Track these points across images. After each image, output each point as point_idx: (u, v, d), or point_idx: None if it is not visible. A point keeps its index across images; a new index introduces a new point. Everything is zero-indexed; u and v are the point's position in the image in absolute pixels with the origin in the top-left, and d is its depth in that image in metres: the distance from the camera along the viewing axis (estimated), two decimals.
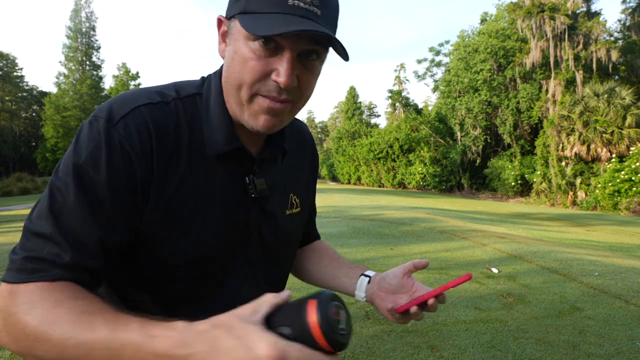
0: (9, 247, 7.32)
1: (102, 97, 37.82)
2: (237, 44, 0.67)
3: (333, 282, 0.96)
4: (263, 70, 0.66)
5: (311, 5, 0.64)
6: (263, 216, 0.80)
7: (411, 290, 0.85)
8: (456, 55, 32.97)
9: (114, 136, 0.65)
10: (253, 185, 0.76)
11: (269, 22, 0.62)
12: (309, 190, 0.97)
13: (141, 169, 0.66)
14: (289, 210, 0.87)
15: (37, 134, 49.76)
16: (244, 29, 0.64)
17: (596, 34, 25.35)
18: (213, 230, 0.74)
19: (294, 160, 0.89)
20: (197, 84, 0.78)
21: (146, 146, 0.67)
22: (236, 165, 0.76)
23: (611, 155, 22.57)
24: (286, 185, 0.86)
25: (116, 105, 0.68)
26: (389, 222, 9.90)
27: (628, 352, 2.94)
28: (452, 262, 5.80)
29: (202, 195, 0.73)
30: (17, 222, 10.86)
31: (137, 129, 0.66)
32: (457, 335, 3.18)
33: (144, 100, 0.70)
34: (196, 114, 0.74)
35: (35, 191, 26.05)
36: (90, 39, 37.25)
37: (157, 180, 0.68)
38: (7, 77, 46.29)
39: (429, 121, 35.97)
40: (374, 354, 2.88)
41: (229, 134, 0.73)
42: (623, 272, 5.09)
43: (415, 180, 35.13)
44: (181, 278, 0.73)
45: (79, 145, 0.65)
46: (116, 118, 0.66)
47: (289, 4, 0.63)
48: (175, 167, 0.70)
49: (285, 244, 0.88)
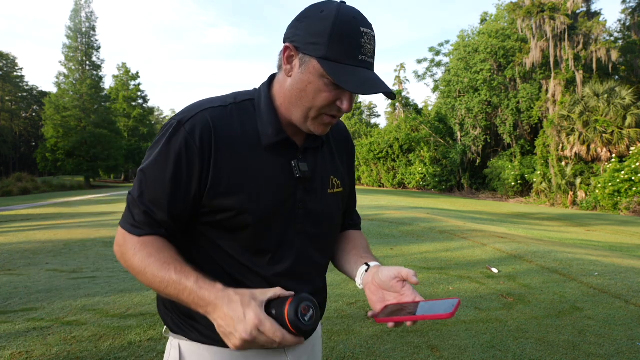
0: (9, 247, 7.32)
1: (102, 97, 37.74)
2: (311, 77, 0.87)
3: (344, 267, 1.08)
4: (332, 100, 0.89)
5: (371, 58, 0.87)
6: (307, 194, 0.99)
7: (400, 292, 0.91)
8: (456, 55, 32.96)
9: (182, 133, 0.89)
10: (297, 168, 0.96)
11: (348, 77, 0.84)
12: (349, 171, 1.15)
13: (200, 159, 0.89)
14: (331, 189, 1.04)
15: (37, 134, 49.81)
16: (330, 76, 0.84)
17: (596, 34, 25.34)
18: (266, 204, 0.93)
19: (332, 148, 1.08)
20: (251, 92, 1.00)
21: (205, 141, 0.89)
22: (284, 152, 0.96)
23: (611, 155, 22.56)
24: (328, 169, 1.04)
25: (188, 109, 0.93)
26: (389, 222, 9.89)
27: (628, 352, 2.94)
28: (452, 262, 5.80)
29: (256, 177, 0.93)
30: (17, 222, 10.84)
31: (201, 128, 0.89)
32: (457, 335, 3.18)
33: (207, 105, 0.93)
34: (251, 114, 0.96)
35: (35, 191, 26.02)
36: (90, 39, 37.17)
37: (216, 167, 0.90)
38: (7, 77, 46.32)
39: (429, 121, 35.96)
40: (374, 354, 2.88)
41: (277, 128, 0.94)
42: (623, 272, 5.09)
43: (415, 180, 35.13)
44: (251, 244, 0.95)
45: (159, 138, 0.91)
46: (185, 119, 0.90)
47: (359, 59, 0.85)
48: (234, 156, 0.91)
49: (328, 217, 1.05)
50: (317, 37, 0.85)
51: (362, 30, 0.85)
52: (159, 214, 0.90)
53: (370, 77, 0.86)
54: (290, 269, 0.97)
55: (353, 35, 0.84)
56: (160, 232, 0.91)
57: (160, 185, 0.89)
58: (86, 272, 5.42)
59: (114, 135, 37.15)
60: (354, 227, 1.20)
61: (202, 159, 0.89)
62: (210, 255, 0.96)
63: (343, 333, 3.22)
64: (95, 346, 2.96)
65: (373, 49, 0.88)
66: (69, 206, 15.51)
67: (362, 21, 0.86)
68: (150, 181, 0.90)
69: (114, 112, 40.66)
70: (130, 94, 45.67)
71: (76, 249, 7.22)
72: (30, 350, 2.90)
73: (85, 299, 4.06)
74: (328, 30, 0.84)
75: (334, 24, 0.84)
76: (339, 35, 0.83)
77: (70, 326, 3.33)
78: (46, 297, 4.17)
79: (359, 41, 0.84)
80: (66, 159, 34.70)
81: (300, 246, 0.99)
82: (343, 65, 0.84)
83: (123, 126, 43.66)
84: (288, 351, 1.01)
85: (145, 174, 0.91)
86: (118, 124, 40.61)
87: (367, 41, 0.85)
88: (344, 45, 0.84)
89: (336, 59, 0.84)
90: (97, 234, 8.65)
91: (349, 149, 1.15)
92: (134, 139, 45.16)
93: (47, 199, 20.13)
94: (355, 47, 0.84)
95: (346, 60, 0.84)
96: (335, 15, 0.84)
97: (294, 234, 0.98)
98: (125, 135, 42.92)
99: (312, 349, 1.12)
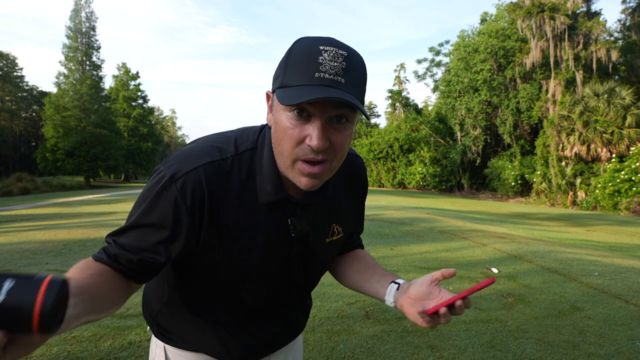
0: (9, 247, 7.32)
1: (102, 97, 37.68)
2: (278, 115, 0.80)
3: (365, 288, 1.04)
4: (298, 137, 0.78)
5: (335, 75, 0.75)
6: (304, 248, 0.95)
7: (438, 297, 0.88)
8: (456, 55, 32.97)
9: (172, 192, 0.82)
10: (294, 227, 0.90)
11: (297, 93, 0.74)
12: (355, 216, 1.09)
13: (189, 218, 0.83)
14: (329, 238, 1.00)
15: (37, 134, 49.78)
16: (278, 99, 0.76)
17: (596, 34, 25.34)
18: (257, 263, 0.90)
19: (340, 193, 1.00)
20: (255, 137, 0.91)
21: (196, 203, 0.82)
22: (281, 209, 0.90)
23: (611, 155, 22.57)
24: (330, 217, 0.99)
25: (182, 162, 0.84)
26: (389, 222, 9.90)
27: (628, 352, 2.94)
28: (452, 262, 5.80)
29: (249, 235, 0.88)
30: (17, 222, 10.85)
31: (192, 187, 0.82)
32: (457, 335, 3.18)
33: (205, 160, 0.84)
34: (251, 168, 0.88)
35: (35, 191, 26.03)
36: (90, 39, 37.11)
37: (206, 225, 0.84)
38: (7, 77, 46.27)
39: (429, 121, 35.96)
40: (374, 354, 2.88)
41: (277, 185, 0.87)
42: (623, 272, 5.09)
43: (415, 180, 35.14)
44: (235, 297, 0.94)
45: (147, 188, 0.85)
46: (178, 176, 0.82)
47: (316, 77, 0.74)
48: (225, 214, 0.85)
49: (322, 263, 1.04)
50: (278, 70, 0.81)
51: (322, 49, 0.75)
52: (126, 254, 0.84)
53: (321, 90, 0.73)
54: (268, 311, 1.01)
55: (309, 55, 0.75)
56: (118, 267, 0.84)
57: (142, 242, 0.84)
58: None
59: (114, 135, 37.12)
60: (359, 246, 1.18)
61: (192, 218, 0.83)
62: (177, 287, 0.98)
63: (343, 333, 3.22)
64: (95, 346, 2.96)
65: (340, 67, 0.75)
66: (69, 206, 15.51)
67: (325, 42, 0.77)
68: (132, 235, 0.85)
69: (114, 112, 40.61)
70: (130, 94, 45.63)
71: (76, 249, 7.22)
72: None
73: None
74: (284, 59, 0.80)
75: (290, 50, 0.79)
76: (294, 59, 0.77)
77: None
78: None
79: (315, 59, 0.75)
80: (66, 159, 34.67)
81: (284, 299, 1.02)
82: (297, 87, 0.75)
83: (123, 126, 43.62)
84: (271, 355, 1.07)
85: (130, 218, 0.86)
86: (118, 124, 40.57)
87: (328, 58, 0.75)
88: (299, 68, 0.76)
89: (290, 83, 0.76)
90: (97, 234, 8.66)
91: (362, 190, 1.08)
92: (134, 139, 45.10)
93: (47, 199, 20.13)
94: (311, 66, 0.75)
95: (301, 80, 0.75)
96: (293, 43, 0.80)
97: (282, 289, 0.99)
98: (125, 135, 42.87)
99: (294, 344, 1.15)
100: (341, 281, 1.14)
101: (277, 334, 1.05)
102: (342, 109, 0.77)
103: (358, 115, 0.81)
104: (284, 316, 1.05)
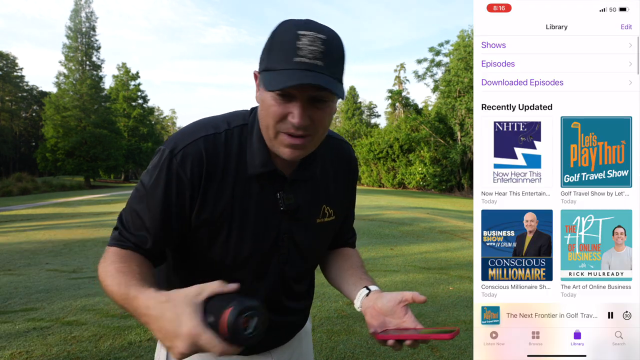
0: (8, 247, 7.33)
1: (102, 97, 37.69)
2: (263, 93, 0.86)
3: (343, 287, 1.06)
4: (281, 114, 0.84)
5: (314, 59, 0.81)
6: (293, 225, 0.98)
7: (402, 319, 0.89)
8: (456, 55, 32.98)
9: (173, 165, 0.88)
10: (282, 201, 0.95)
11: (278, 78, 0.80)
12: (346, 200, 1.11)
13: (190, 190, 0.89)
14: (320, 219, 1.03)
15: (37, 134, 49.82)
16: (262, 83, 0.84)
17: None
18: (249, 236, 0.94)
19: (329, 175, 1.04)
20: (245, 114, 0.98)
21: (195, 174, 0.89)
22: (271, 183, 0.94)
23: None
24: (319, 198, 1.02)
25: (180, 138, 0.91)
26: (389, 222, 9.90)
27: None
28: (452, 262, 5.81)
29: (241, 208, 0.93)
30: (17, 222, 10.86)
31: (192, 159, 0.89)
32: (457, 336, 3.18)
33: (201, 133, 0.91)
34: (242, 142, 0.94)
35: (35, 191, 26.04)
36: (90, 39, 37.10)
37: (203, 198, 0.90)
38: (7, 77, 46.29)
39: (429, 121, 35.96)
40: (374, 354, 2.88)
41: (265, 158, 0.92)
42: None
43: (415, 180, 35.14)
44: (228, 273, 0.95)
45: (150, 168, 0.91)
46: (176, 150, 0.89)
47: (295, 61, 0.80)
48: (222, 186, 0.91)
49: (314, 246, 1.05)
50: (263, 54, 0.88)
51: (300, 33, 0.81)
52: (145, 239, 0.90)
53: (301, 74, 0.80)
54: (271, 295, 1.01)
55: (288, 40, 0.81)
56: (140, 251, 0.91)
57: (151, 215, 0.90)
58: (86, 272, 5.43)
59: (114, 135, 37.14)
60: (350, 245, 1.18)
61: (192, 190, 0.89)
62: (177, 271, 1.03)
63: (343, 333, 3.22)
64: (95, 346, 2.96)
65: (319, 50, 0.81)
66: (69, 206, 15.52)
67: (304, 25, 0.82)
68: (142, 210, 0.91)
69: (114, 112, 40.62)
70: (130, 94, 45.63)
71: (76, 249, 7.23)
72: (30, 350, 2.90)
73: (85, 299, 4.06)
74: (268, 43, 0.86)
75: (272, 34, 0.85)
76: (276, 44, 0.83)
77: (70, 326, 3.34)
78: (46, 297, 4.17)
79: (294, 44, 0.80)
80: (66, 159, 34.68)
81: (279, 277, 1.01)
82: (278, 71, 0.81)
83: (123, 126, 43.61)
84: (273, 352, 1.07)
85: (138, 202, 0.92)
86: (118, 124, 40.60)
87: (306, 43, 0.80)
88: (279, 52, 0.82)
89: (273, 67, 0.83)
90: (97, 234, 8.66)
91: (351, 174, 1.11)
92: (134, 139, 45.10)
93: (47, 199, 20.13)
94: (290, 50, 0.80)
95: (282, 65, 0.81)
96: (276, 27, 0.86)
97: (275, 265, 0.99)
98: (125, 135, 42.88)
99: (299, 343, 1.14)
100: (325, 277, 1.15)
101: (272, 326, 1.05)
102: (321, 91, 0.83)
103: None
104: (276, 304, 1.03)
